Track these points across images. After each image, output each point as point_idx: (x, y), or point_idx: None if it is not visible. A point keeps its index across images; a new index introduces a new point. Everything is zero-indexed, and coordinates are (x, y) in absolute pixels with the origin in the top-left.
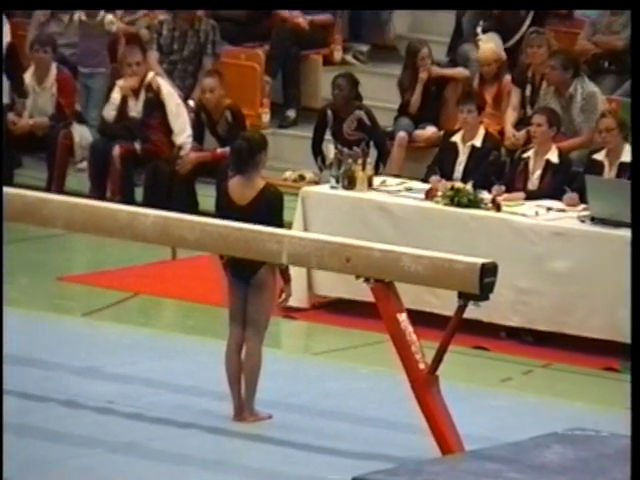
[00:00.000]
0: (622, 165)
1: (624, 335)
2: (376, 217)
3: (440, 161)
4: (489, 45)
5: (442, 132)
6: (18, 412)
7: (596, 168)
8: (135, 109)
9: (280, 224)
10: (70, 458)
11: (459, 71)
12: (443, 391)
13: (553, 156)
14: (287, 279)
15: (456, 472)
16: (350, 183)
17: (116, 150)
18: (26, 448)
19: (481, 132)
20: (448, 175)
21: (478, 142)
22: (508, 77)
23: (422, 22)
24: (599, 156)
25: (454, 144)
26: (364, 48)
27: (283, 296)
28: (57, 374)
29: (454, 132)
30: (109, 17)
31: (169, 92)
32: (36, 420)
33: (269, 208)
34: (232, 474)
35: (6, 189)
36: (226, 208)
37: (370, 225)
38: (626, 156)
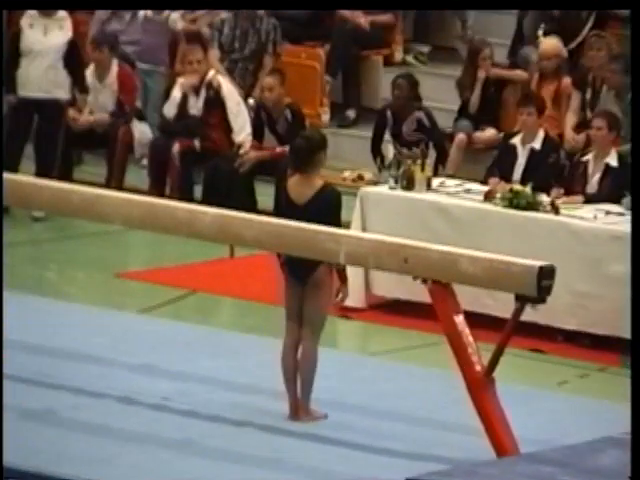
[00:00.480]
0: None
1: None
2: (434, 218)
3: (499, 163)
4: (551, 40)
5: (501, 134)
6: (73, 408)
7: None
8: (195, 107)
9: (338, 223)
10: (124, 454)
11: (518, 73)
12: (499, 393)
13: (612, 160)
14: (344, 279)
15: (511, 474)
16: (409, 184)
17: (176, 147)
18: (81, 444)
19: (540, 134)
20: (507, 177)
21: (537, 144)
22: (568, 79)
23: (484, 24)
24: None
25: (513, 146)
26: (425, 49)
27: (340, 296)
28: (113, 370)
29: (513, 134)
30: (174, 15)
31: (229, 90)
32: (91, 416)
33: (327, 207)
34: (286, 473)
35: (65, 185)
36: (285, 207)
37: (428, 226)
38: None
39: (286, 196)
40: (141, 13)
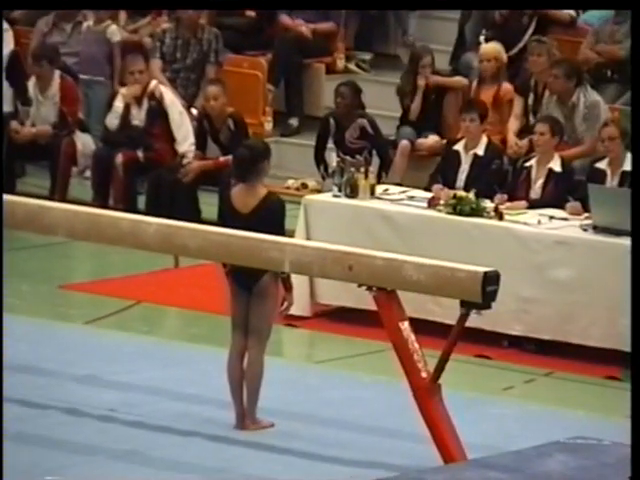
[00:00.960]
0: (624, 174)
1: (626, 344)
2: (379, 225)
3: (443, 169)
4: (492, 44)
5: (444, 141)
6: (19, 420)
7: (598, 177)
8: (138, 117)
9: (282, 232)
10: (71, 466)
11: (457, 80)
12: (445, 399)
13: (556, 165)
14: (289, 287)
15: None
16: (353, 191)
17: (119, 158)
18: (27, 456)
19: (484, 140)
20: (450, 184)
21: (481, 151)
22: (507, 85)
23: (426, 30)
24: (601, 165)
25: (457, 152)
26: (367, 56)
27: (285, 304)
28: (59, 382)
29: (456, 141)
30: (113, 27)
31: (172, 100)
32: (37, 428)
33: (272, 216)
34: None
35: (8, 197)
36: (229, 216)
37: (372, 233)
38: (628, 165)
39: (230, 206)
40: (85, 25)
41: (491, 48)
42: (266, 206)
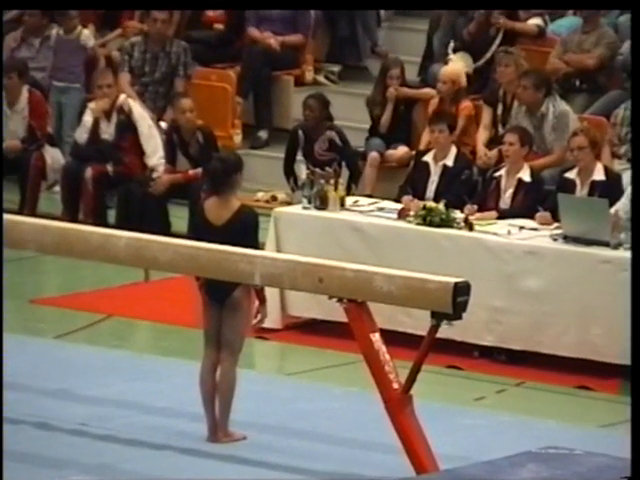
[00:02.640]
0: (594, 183)
1: (597, 353)
2: (349, 237)
3: (412, 180)
4: (453, 66)
5: (414, 152)
6: None
7: (568, 186)
8: (107, 131)
9: (256, 244)
10: None
11: (425, 92)
12: (417, 410)
13: (525, 175)
14: (263, 300)
15: None
16: (322, 203)
17: (88, 172)
18: None
19: (453, 151)
20: (420, 194)
21: (450, 161)
22: (467, 101)
23: (395, 41)
24: (571, 174)
25: (426, 163)
26: (335, 68)
27: (259, 317)
28: (29, 396)
29: (426, 151)
30: (86, 32)
31: (141, 114)
32: (8, 443)
33: (245, 229)
34: None
35: None
36: (202, 229)
37: (343, 245)
38: (598, 175)
39: (203, 218)
40: (53, 31)
41: (450, 70)
42: (239, 218)
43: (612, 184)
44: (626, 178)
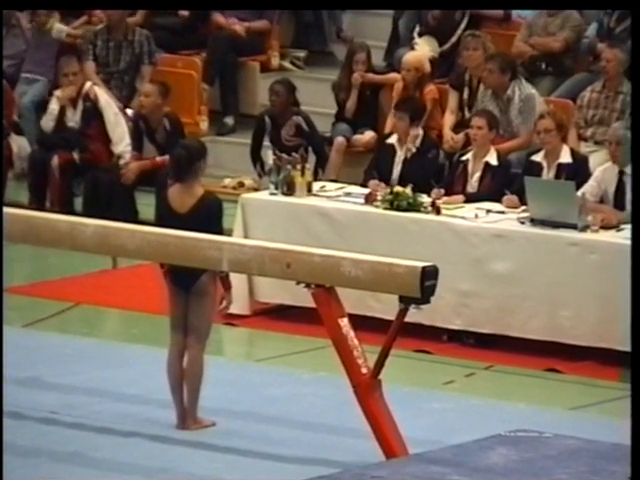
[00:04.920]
0: (560, 166)
1: (566, 336)
2: (316, 222)
3: (377, 164)
4: (416, 53)
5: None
6: None
7: (534, 169)
8: (73, 119)
9: (220, 231)
10: (14, 469)
11: (391, 77)
12: (386, 395)
13: (492, 158)
14: (227, 286)
15: (400, 476)
16: (289, 189)
17: (55, 160)
18: None
19: (420, 133)
20: (386, 178)
21: (415, 144)
22: (431, 86)
23: (360, 26)
24: (537, 157)
25: (391, 146)
26: (301, 54)
27: (224, 303)
28: None
29: (390, 134)
30: (58, 25)
31: (107, 101)
32: None
33: (209, 215)
34: None
35: None
36: (166, 216)
37: (310, 231)
38: (564, 157)
39: (167, 206)
40: (24, 23)
41: (412, 58)
42: (203, 205)
43: (579, 166)
44: (592, 160)
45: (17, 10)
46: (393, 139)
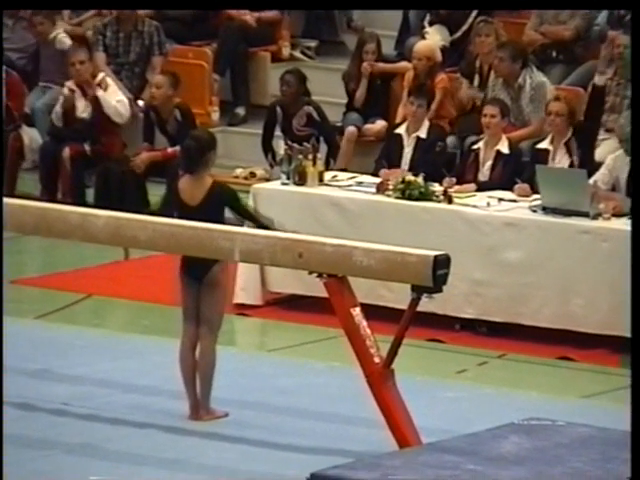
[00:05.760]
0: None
1: (578, 324)
2: (328, 212)
3: (387, 154)
4: (426, 42)
5: None
6: None
7: (541, 156)
8: (85, 111)
9: (247, 215)
10: (26, 461)
11: (401, 65)
12: (399, 384)
13: (503, 147)
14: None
15: (414, 465)
16: (301, 179)
17: (66, 152)
18: None
19: (426, 123)
20: (395, 167)
21: (423, 133)
22: (442, 74)
23: (371, 16)
24: (543, 144)
25: (399, 136)
26: (312, 43)
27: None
28: (11, 377)
29: (399, 124)
30: (60, 37)
31: (114, 91)
32: None
33: (219, 205)
34: (189, 473)
35: None
36: (176, 208)
37: (322, 220)
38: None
39: (177, 197)
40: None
41: (423, 47)
42: (213, 196)
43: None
44: (603, 148)
45: (17, 10)
46: (401, 129)
